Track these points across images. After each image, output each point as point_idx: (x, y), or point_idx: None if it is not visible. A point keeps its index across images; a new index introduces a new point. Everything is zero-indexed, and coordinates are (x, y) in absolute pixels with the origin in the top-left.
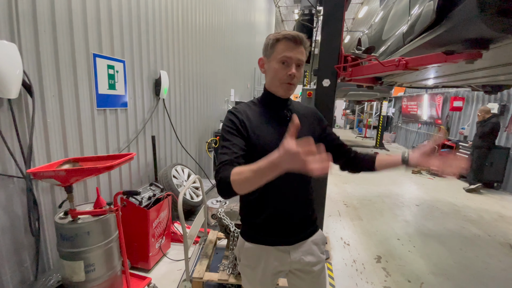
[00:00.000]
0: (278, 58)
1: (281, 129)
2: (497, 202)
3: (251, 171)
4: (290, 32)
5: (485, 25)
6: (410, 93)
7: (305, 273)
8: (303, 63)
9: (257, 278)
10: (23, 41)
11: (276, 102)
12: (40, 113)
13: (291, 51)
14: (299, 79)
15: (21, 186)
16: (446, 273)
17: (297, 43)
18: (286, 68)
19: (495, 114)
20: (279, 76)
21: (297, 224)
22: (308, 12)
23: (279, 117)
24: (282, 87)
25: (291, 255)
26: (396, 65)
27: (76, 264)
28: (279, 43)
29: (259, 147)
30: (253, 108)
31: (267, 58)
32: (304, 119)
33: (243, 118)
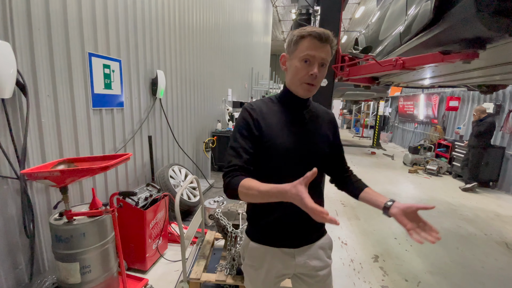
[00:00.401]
0: (300, 56)
1: (297, 131)
2: (493, 201)
3: (258, 192)
4: (316, 29)
5: (482, 25)
6: (406, 93)
7: (310, 277)
8: (327, 62)
9: (259, 279)
10: (17, 40)
11: (295, 101)
12: (35, 113)
13: (315, 50)
14: (321, 79)
15: (15, 187)
16: (443, 272)
17: (323, 41)
18: (308, 67)
19: (490, 114)
20: (300, 75)
21: (304, 228)
22: (305, 12)
23: (297, 118)
24: (302, 87)
25: (296, 258)
26: (393, 65)
27: (72, 265)
28: (304, 40)
29: (273, 148)
30: (270, 105)
31: (289, 55)
32: (322, 122)
33: (258, 117)
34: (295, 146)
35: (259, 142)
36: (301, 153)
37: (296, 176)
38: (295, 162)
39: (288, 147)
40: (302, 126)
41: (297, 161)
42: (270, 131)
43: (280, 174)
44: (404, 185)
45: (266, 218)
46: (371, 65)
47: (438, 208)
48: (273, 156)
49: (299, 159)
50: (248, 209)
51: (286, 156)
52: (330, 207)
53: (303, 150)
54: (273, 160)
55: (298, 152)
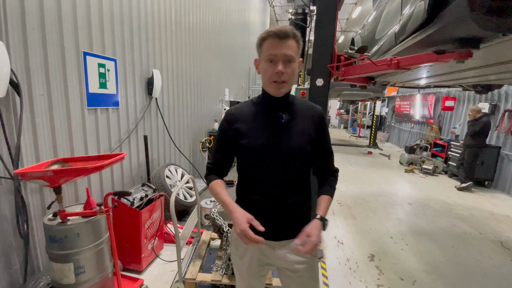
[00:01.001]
0: (265, 57)
1: (274, 130)
2: (488, 200)
3: (217, 196)
4: (273, 29)
5: (476, 24)
6: (403, 93)
7: (292, 271)
8: (292, 58)
9: (244, 267)
10: (11, 38)
11: (272, 102)
12: (29, 113)
13: (276, 48)
14: (291, 75)
15: (9, 187)
16: (438, 271)
17: (282, 38)
18: (273, 66)
19: (486, 114)
20: (268, 75)
21: (284, 223)
22: (302, 12)
23: (274, 118)
24: (272, 86)
25: (276, 251)
26: (388, 65)
27: (66, 266)
28: (265, 41)
29: (250, 148)
30: (250, 108)
31: (258, 58)
32: (303, 119)
33: (234, 122)
34: (272, 145)
35: (237, 144)
36: (278, 152)
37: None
38: (272, 161)
39: (264, 147)
40: (280, 125)
41: (276, 159)
42: (248, 133)
43: (259, 172)
44: (400, 185)
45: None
46: (366, 64)
47: (433, 207)
48: (251, 156)
49: (278, 157)
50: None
51: (263, 155)
52: None
53: (280, 148)
54: (251, 159)
55: (275, 151)
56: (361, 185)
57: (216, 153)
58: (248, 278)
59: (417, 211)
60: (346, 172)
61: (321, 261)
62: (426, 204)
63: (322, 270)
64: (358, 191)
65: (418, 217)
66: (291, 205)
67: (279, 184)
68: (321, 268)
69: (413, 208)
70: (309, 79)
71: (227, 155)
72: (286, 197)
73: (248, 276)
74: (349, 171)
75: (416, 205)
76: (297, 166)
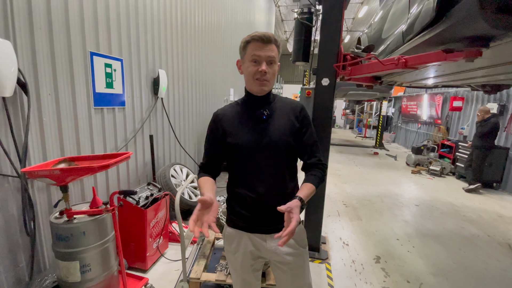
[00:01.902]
0: (249, 57)
1: (257, 127)
2: (496, 202)
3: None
4: (257, 33)
5: (486, 23)
6: (410, 93)
7: (284, 264)
8: (274, 59)
9: (238, 263)
10: (18, 38)
11: (254, 101)
12: (36, 112)
13: (260, 50)
14: (273, 75)
15: (16, 185)
16: (445, 274)
17: (265, 41)
18: (257, 65)
19: (494, 114)
20: (251, 73)
21: (273, 216)
22: (307, 11)
23: (256, 116)
24: (255, 83)
25: (267, 243)
26: (395, 64)
27: (72, 264)
28: (249, 44)
29: (236, 146)
30: (235, 108)
31: (242, 60)
32: (285, 114)
33: (220, 122)
34: (255, 141)
35: (224, 143)
36: (262, 147)
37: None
38: (259, 155)
39: (248, 143)
40: (262, 122)
41: (261, 154)
42: (233, 132)
43: (245, 168)
44: (407, 186)
45: (239, 206)
46: (373, 64)
47: (441, 209)
48: (237, 153)
49: (262, 152)
50: (227, 198)
51: (249, 151)
52: (331, 208)
53: (264, 144)
54: (238, 156)
55: (259, 146)
56: (366, 186)
57: (206, 153)
58: (242, 273)
59: (424, 213)
60: (352, 173)
61: (325, 262)
62: (433, 205)
63: (327, 271)
64: (364, 192)
65: (425, 219)
66: (278, 198)
67: (265, 178)
68: (326, 269)
69: (420, 209)
70: (315, 78)
71: (216, 155)
72: (273, 190)
73: (242, 271)
74: (354, 172)
75: (423, 206)
76: (281, 160)
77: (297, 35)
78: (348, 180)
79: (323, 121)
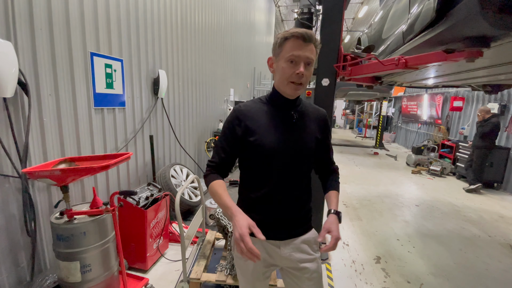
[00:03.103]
0: (286, 57)
1: (285, 130)
2: (497, 202)
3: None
4: (298, 30)
5: (487, 23)
6: (410, 93)
7: (297, 270)
8: (312, 61)
9: (249, 270)
10: (19, 39)
11: (283, 102)
12: (36, 112)
13: (300, 50)
14: (308, 78)
15: (17, 185)
16: (446, 274)
17: (306, 40)
18: (294, 67)
19: (495, 114)
20: (287, 75)
21: (288, 222)
22: (307, 11)
23: (284, 118)
24: (290, 86)
25: (281, 250)
26: (395, 64)
27: (72, 264)
28: (288, 41)
29: (260, 146)
30: (260, 106)
31: (275, 57)
32: (311, 120)
33: (244, 118)
34: (282, 144)
35: (246, 142)
36: (288, 151)
37: (284, 172)
38: (282, 159)
39: (275, 145)
40: (290, 125)
41: (284, 158)
42: (258, 131)
43: (265, 171)
44: (407, 186)
45: (254, 212)
46: (373, 64)
47: (441, 209)
48: (261, 154)
49: (286, 156)
50: (237, 202)
51: (274, 154)
52: None
53: (290, 148)
54: (261, 157)
55: (285, 150)
56: (367, 186)
57: (220, 151)
58: (253, 280)
59: (425, 213)
60: (352, 173)
61: (326, 262)
62: (433, 206)
63: (327, 272)
64: (364, 192)
65: (425, 219)
66: (295, 204)
67: (285, 183)
68: (326, 270)
69: (420, 210)
70: (315, 79)
71: (233, 153)
72: (291, 196)
73: (253, 278)
74: (355, 172)
75: (423, 207)
76: (303, 166)
77: None
78: (348, 180)
79: None
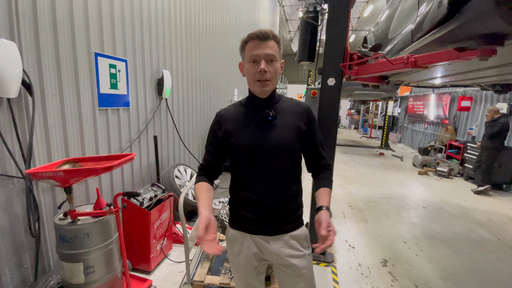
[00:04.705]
0: (247, 58)
1: (262, 128)
2: (506, 204)
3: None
4: (254, 31)
5: (502, 20)
6: (416, 93)
7: (287, 267)
8: (274, 57)
9: (242, 265)
10: (23, 39)
11: (258, 102)
12: (41, 113)
13: (257, 49)
14: (274, 73)
15: (21, 186)
16: (455, 278)
17: (262, 39)
18: (256, 65)
19: (504, 114)
20: (251, 75)
21: (277, 218)
22: (313, 10)
23: (261, 117)
24: (257, 84)
25: (270, 245)
26: (404, 63)
27: (76, 266)
28: (247, 44)
29: (240, 147)
30: (239, 108)
31: (243, 61)
32: (291, 116)
33: (223, 122)
34: (260, 142)
35: (227, 144)
36: (267, 148)
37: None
38: (262, 157)
39: (253, 144)
40: (267, 123)
41: (264, 155)
42: (237, 132)
43: (249, 169)
44: (414, 187)
45: (243, 208)
46: (381, 63)
47: (449, 211)
48: (242, 154)
49: (266, 153)
50: (229, 199)
51: (253, 152)
52: (337, 209)
53: (268, 145)
54: (241, 157)
55: (264, 148)
56: (372, 187)
57: (206, 154)
58: (246, 276)
59: (432, 215)
60: (357, 174)
61: (331, 265)
62: (441, 207)
63: (333, 275)
64: (370, 193)
65: (433, 221)
66: (282, 200)
67: (269, 180)
68: (332, 273)
69: (427, 211)
70: (320, 78)
71: (218, 156)
72: (277, 192)
73: (245, 273)
74: (360, 173)
75: (430, 208)
76: (286, 161)
77: (302, 34)
78: (353, 181)
79: (329, 122)
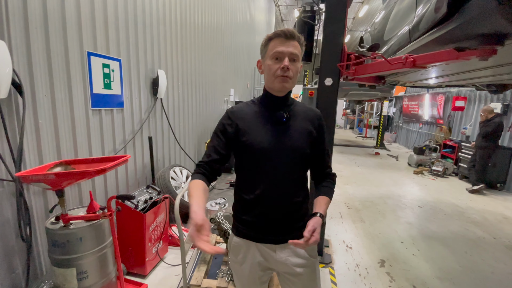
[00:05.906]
0: (270, 54)
1: (275, 129)
2: (501, 203)
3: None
4: (280, 29)
5: (503, 19)
6: (411, 93)
7: (293, 275)
8: (297, 57)
9: (245, 274)
10: (13, 38)
11: (273, 101)
12: (31, 114)
13: (282, 46)
14: (295, 73)
15: (11, 189)
16: (452, 278)
17: (288, 37)
18: (279, 62)
19: (498, 114)
20: (273, 71)
21: (284, 226)
22: (310, 9)
23: (275, 117)
24: (277, 80)
25: (277, 254)
26: (403, 63)
27: (68, 271)
28: (272, 41)
29: (251, 146)
30: (252, 107)
31: (262, 58)
32: (304, 120)
33: (236, 119)
34: (273, 143)
35: (237, 142)
36: (279, 150)
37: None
38: (273, 159)
39: (265, 145)
40: (281, 125)
41: (276, 158)
42: (249, 131)
43: (258, 171)
44: (409, 187)
45: (248, 214)
46: (379, 63)
47: (445, 210)
48: (252, 154)
49: (277, 156)
50: (233, 205)
51: (264, 153)
52: (334, 210)
53: (281, 147)
54: (252, 158)
55: (275, 149)
56: (369, 187)
57: (210, 151)
58: (249, 285)
59: (428, 215)
60: (353, 174)
61: (329, 266)
62: (437, 207)
63: (331, 276)
64: (366, 193)
65: (429, 221)
66: (290, 206)
67: (278, 184)
68: (330, 274)
69: (423, 211)
70: (317, 78)
71: (223, 153)
72: (285, 198)
73: (249, 283)
74: (356, 173)
75: (426, 208)
76: (296, 165)
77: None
78: (350, 181)
79: (326, 122)
